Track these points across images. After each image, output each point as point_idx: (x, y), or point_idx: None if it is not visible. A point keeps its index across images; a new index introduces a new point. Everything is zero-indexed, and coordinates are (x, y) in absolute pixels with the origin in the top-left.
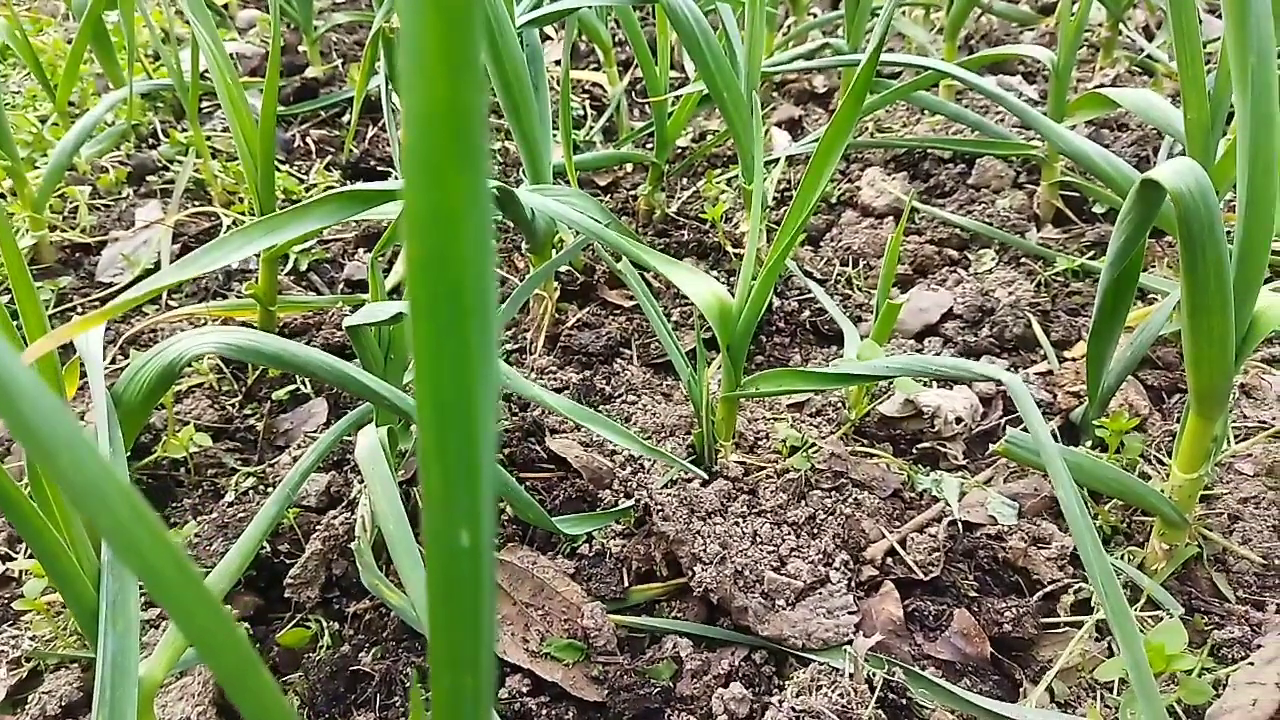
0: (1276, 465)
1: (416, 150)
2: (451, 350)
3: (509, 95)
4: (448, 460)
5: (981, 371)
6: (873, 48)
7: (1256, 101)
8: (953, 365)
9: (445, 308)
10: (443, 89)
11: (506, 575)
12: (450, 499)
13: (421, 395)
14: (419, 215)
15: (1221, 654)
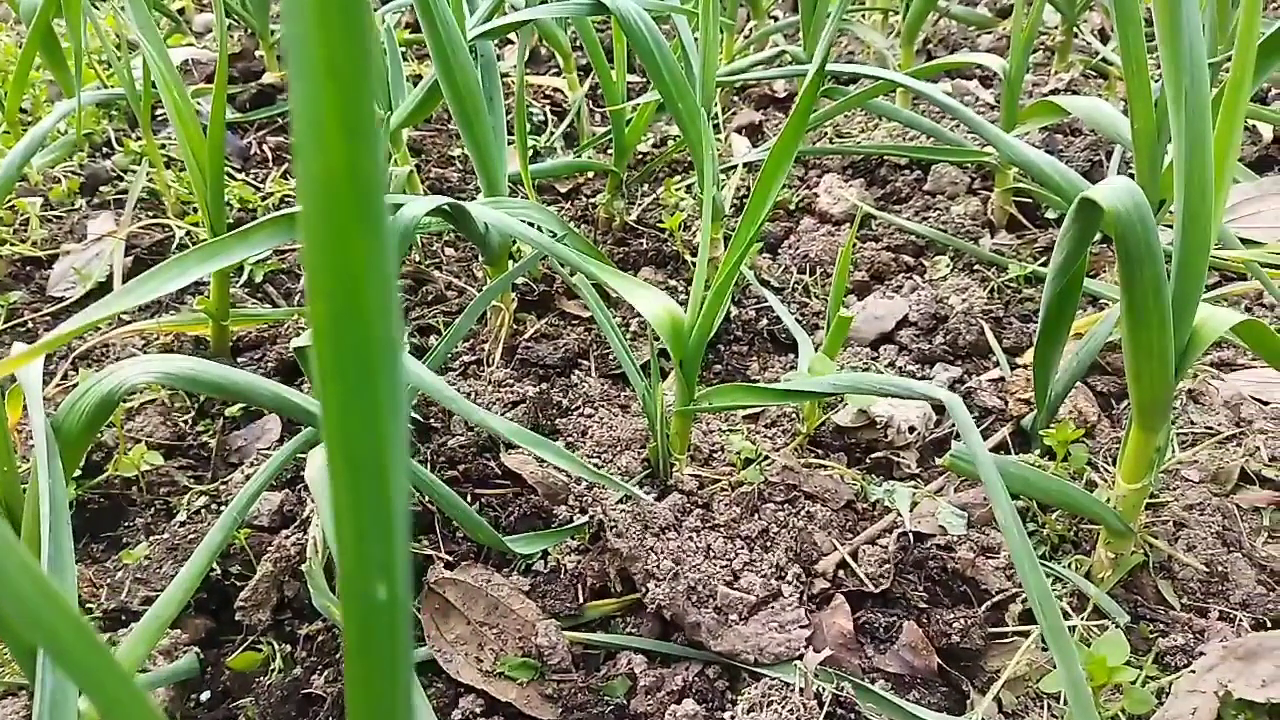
0: (1222, 472)
1: (315, 216)
2: (361, 409)
3: (461, 108)
4: (361, 517)
5: (923, 391)
6: (815, 67)
7: (1191, 122)
8: (895, 384)
9: (353, 369)
10: (340, 155)
11: (460, 594)
12: (365, 554)
13: (332, 453)
14: (322, 281)
15: (1165, 661)
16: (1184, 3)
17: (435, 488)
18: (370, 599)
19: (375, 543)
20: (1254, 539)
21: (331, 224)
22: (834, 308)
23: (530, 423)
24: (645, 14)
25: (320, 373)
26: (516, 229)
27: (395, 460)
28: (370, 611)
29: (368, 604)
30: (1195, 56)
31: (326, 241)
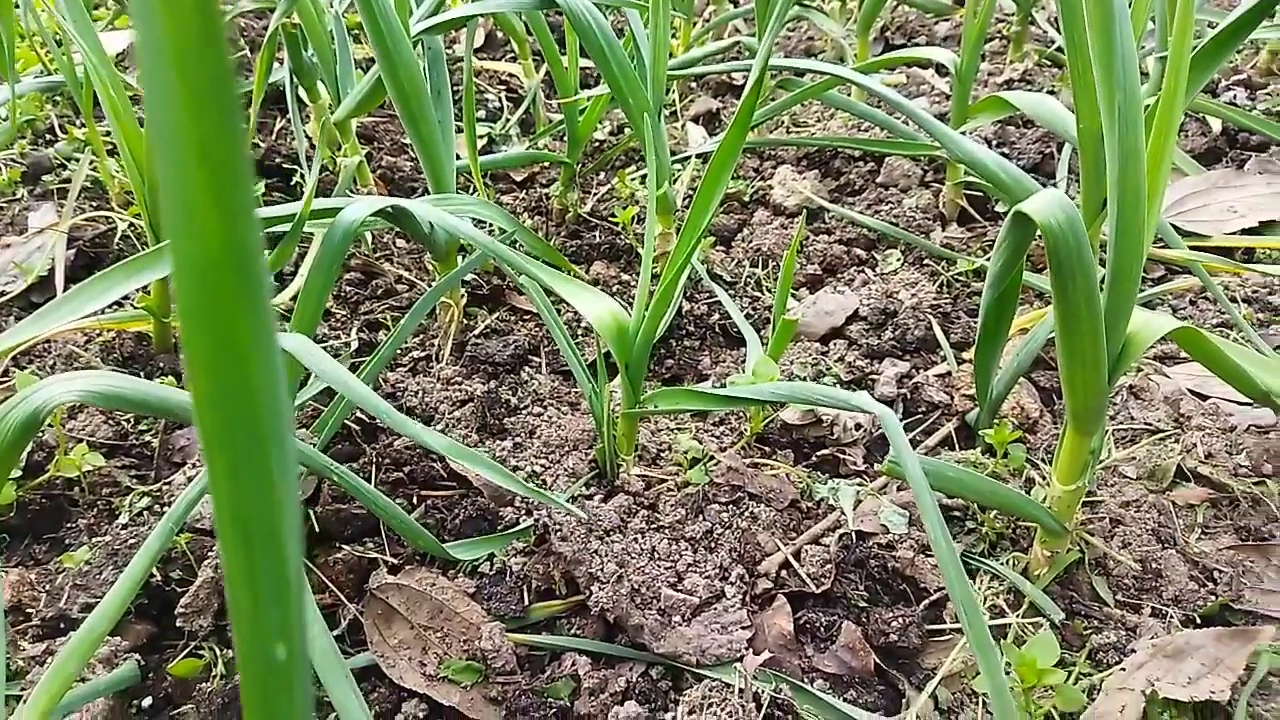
0: (1158, 469)
1: (195, 296)
2: (251, 477)
3: (406, 106)
4: (257, 582)
5: (856, 403)
6: (755, 76)
7: (1124, 137)
8: (830, 395)
9: (241, 438)
10: (218, 238)
11: (403, 599)
12: (262, 617)
13: (222, 521)
14: (205, 357)
15: (1098, 659)
16: (1117, 21)
17: (374, 498)
18: (269, 659)
19: (271, 606)
20: (1188, 535)
21: (214, 306)
22: (778, 310)
23: (478, 422)
24: (594, 9)
25: (206, 445)
26: (461, 229)
27: (287, 525)
28: (270, 672)
29: (267, 664)
30: (1128, 72)
31: (210, 322)
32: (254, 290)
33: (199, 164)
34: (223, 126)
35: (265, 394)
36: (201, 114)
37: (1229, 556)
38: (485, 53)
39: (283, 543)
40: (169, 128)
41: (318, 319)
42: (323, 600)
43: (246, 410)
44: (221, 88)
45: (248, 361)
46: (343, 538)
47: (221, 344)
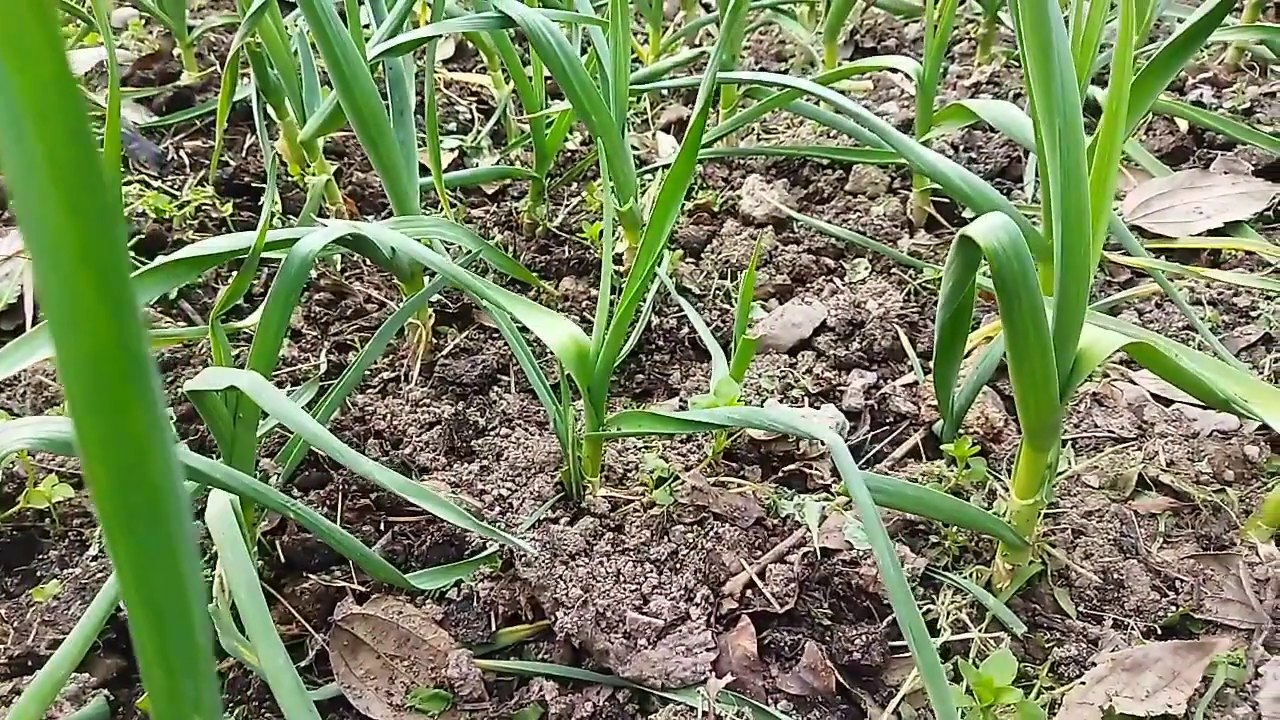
0: (1120, 478)
1: (87, 393)
2: (156, 561)
3: (364, 131)
4: (170, 658)
5: (806, 429)
6: (702, 100)
7: (1065, 160)
8: (784, 420)
9: (142, 525)
10: (106, 333)
11: (369, 629)
12: (177, 691)
13: (131, 603)
14: (101, 451)
15: (1060, 672)
16: (1055, 46)
17: (331, 532)
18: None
19: (186, 679)
20: (1150, 544)
21: (107, 401)
22: (739, 330)
23: (446, 445)
24: (554, 27)
25: (109, 533)
26: (421, 254)
27: (194, 603)
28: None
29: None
30: (1068, 97)
31: (104, 417)
32: (144, 383)
33: (82, 265)
34: (103, 227)
35: (162, 481)
36: (80, 216)
37: (1190, 565)
38: (456, 63)
39: (192, 620)
40: (48, 232)
41: (276, 351)
42: (289, 631)
43: (145, 498)
44: (96, 189)
45: (143, 451)
46: (309, 567)
47: (117, 437)
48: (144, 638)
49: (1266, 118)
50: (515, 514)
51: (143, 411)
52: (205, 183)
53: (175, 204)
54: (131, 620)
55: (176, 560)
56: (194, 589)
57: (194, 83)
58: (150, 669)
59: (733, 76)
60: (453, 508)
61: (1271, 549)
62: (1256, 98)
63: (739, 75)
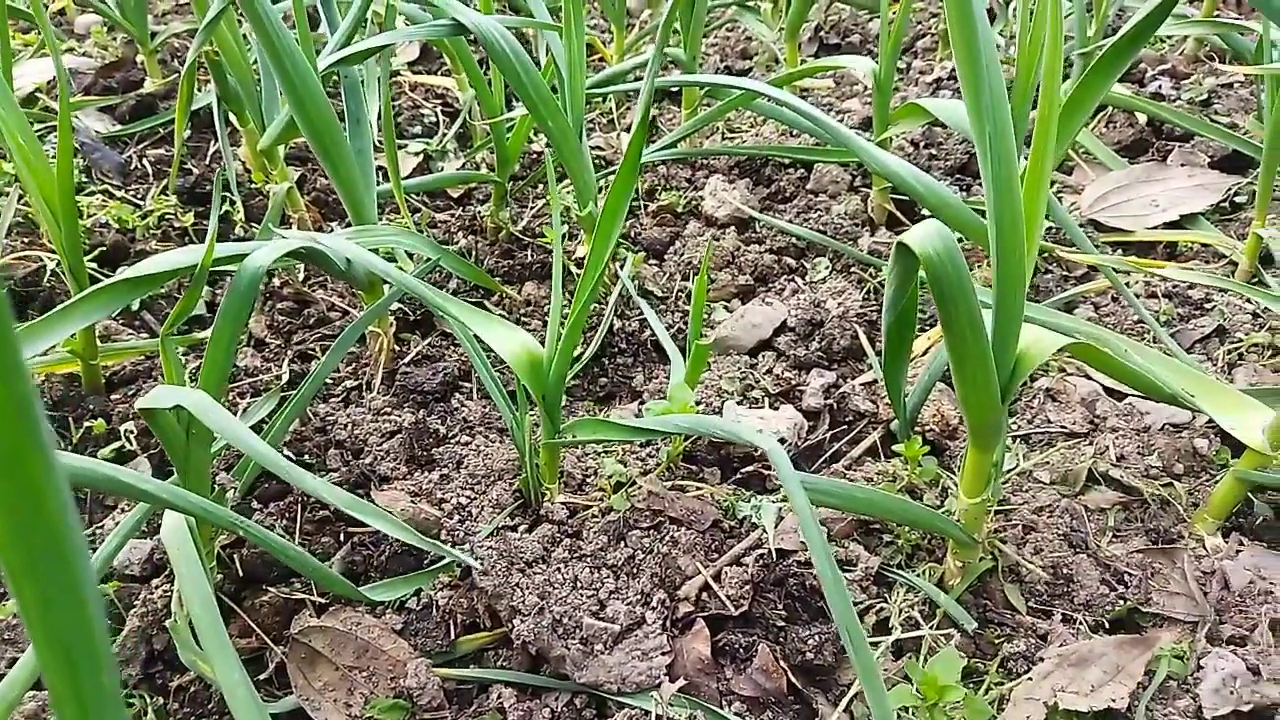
0: (1071, 474)
1: None
2: (62, 602)
3: (318, 142)
4: (82, 696)
5: (746, 438)
6: (643, 106)
7: (997, 167)
8: (725, 428)
9: (46, 568)
10: None
11: (327, 640)
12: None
13: (39, 645)
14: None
15: (1009, 667)
16: (983, 55)
17: (283, 548)
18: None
19: (95, 716)
20: (1099, 539)
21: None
22: (693, 335)
23: (406, 454)
24: (508, 34)
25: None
26: (375, 265)
27: (101, 642)
28: None
29: None
30: (997, 105)
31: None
32: (35, 434)
33: None
34: None
35: (59, 526)
36: None
37: (1139, 560)
38: (421, 65)
39: (100, 658)
40: None
41: (228, 366)
42: (249, 644)
43: (47, 542)
44: None
45: (41, 498)
46: (269, 579)
47: (15, 488)
48: (54, 676)
49: (1224, 109)
50: (474, 522)
51: (37, 461)
52: (168, 191)
53: (138, 214)
54: (40, 660)
55: (82, 601)
56: (100, 627)
57: (157, 90)
58: (61, 706)
59: (680, 80)
60: (399, 524)
61: (1218, 542)
62: (1214, 89)
63: (687, 78)
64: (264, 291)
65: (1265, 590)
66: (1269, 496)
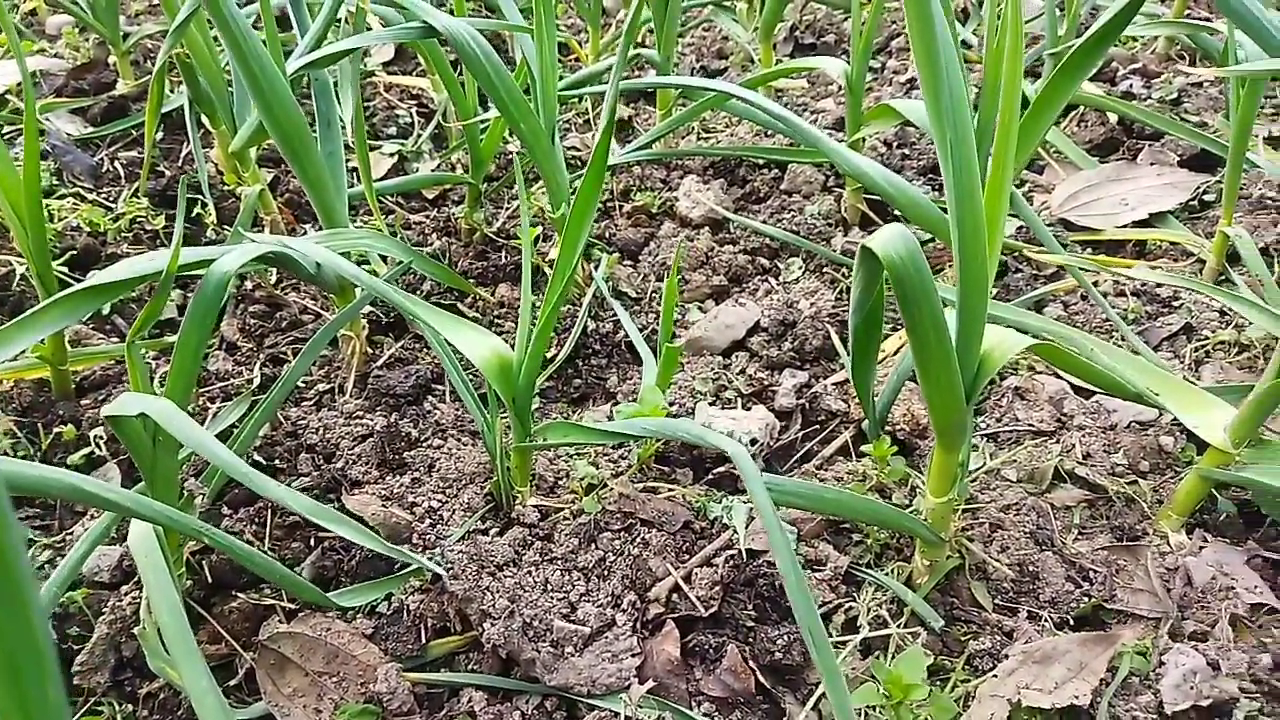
0: (1037, 472)
1: None
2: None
3: (287, 145)
4: (29, 707)
5: (714, 442)
6: (608, 110)
7: (958, 173)
8: (693, 432)
9: None
10: None
11: (297, 646)
12: None
13: None
14: None
15: (975, 665)
16: (943, 61)
17: (250, 557)
18: None
19: None
20: (1064, 536)
21: None
22: (664, 338)
23: (378, 458)
24: (479, 36)
25: None
26: (345, 269)
27: (48, 657)
28: None
29: None
30: (957, 111)
31: None
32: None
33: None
34: None
35: (10, 550)
36: None
37: (1104, 557)
38: (397, 66)
39: (45, 669)
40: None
41: (195, 373)
42: (219, 650)
43: None
44: None
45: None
46: (239, 585)
47: None
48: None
49: (1194, 108)
50: (446, 526)
51: None
52: (140, 194)
53: (110, 216)
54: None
55: (24, 612)
56: (44, 639)
57: (129, 92)
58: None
59: (650, 82)
60: (364, 530)
61: (1182, 538)
62: (1184, 88)
63: (657, 80)
64: (236, 294)
65: (1227, 586)
66: (1233, 493)
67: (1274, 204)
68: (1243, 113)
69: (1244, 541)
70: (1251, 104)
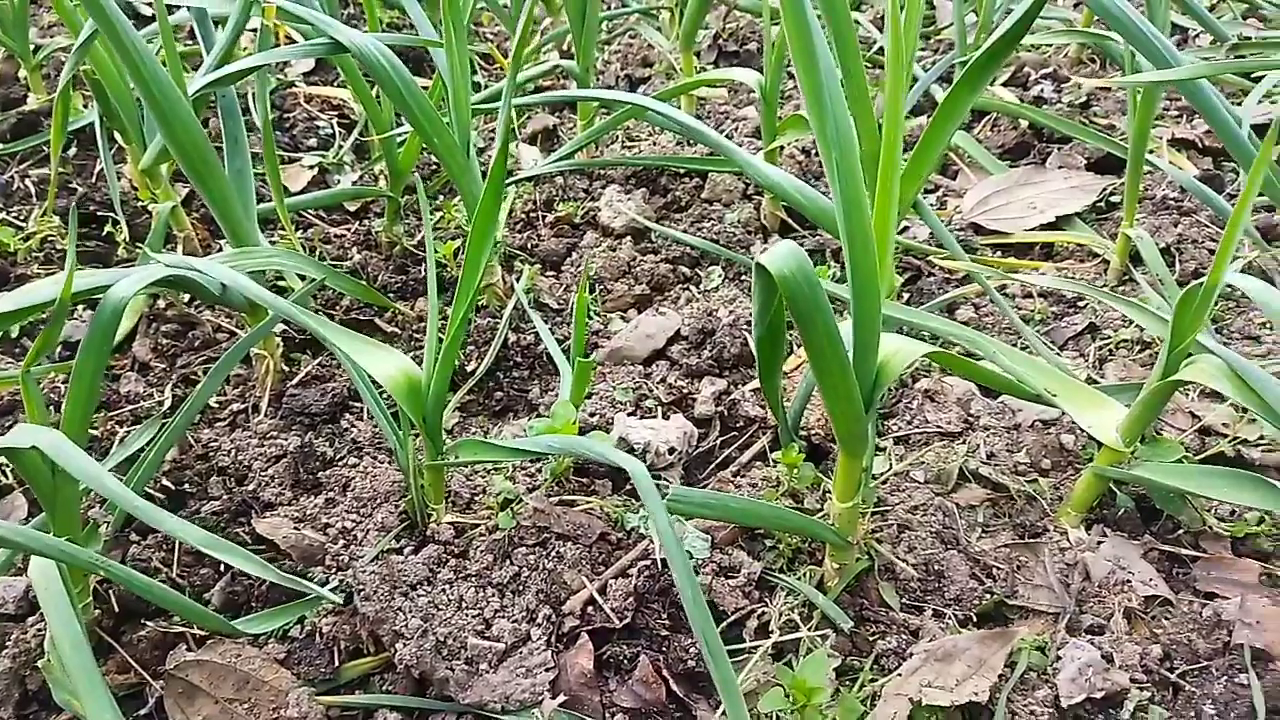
0: (943, 472)
1: None
2: None
3: (190, 165)
4: None
5: (614, 459)
6: (502, 131)
7: (845, 187)
8: (594, 448)
9: None
10: None
11: (205, 675)
12: None
13: None
14: None
15: (882, 664)
16: (826, 84)
17: (148, 586)
18: None
19: None
20: (969, 535)
21: None
22: (576, 350)
23: (292, 479)
24: (389, 51)
25: None
26: (249, 290)
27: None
28: None
29: None
30: (841, 130)
31: None
32: None
33: None
34: None
35: None
36: None
37: (1006, 554)
38: (317, 76)
39: None
40: None
41: (93, 401)
42: (128, 680)
43: None
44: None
45: None
46: (147, 613)
47: None
48: None
49: (1102, 111)
50: (359, 546)
51: None
52: (49, 213)
53: (20, 236)
54: None
55: None
56: None
57: (41, 107)
58: None
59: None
60: (257, 561)
61: (1081, 534)
62: (1093, 91)
63: (571, 94)
64: (148, 313)
65: (1123, 580)
66: (1132, 488)
67: (1176, 205)
68: (1140, 118)
69: (1141, 535)
70: (1148, 110)
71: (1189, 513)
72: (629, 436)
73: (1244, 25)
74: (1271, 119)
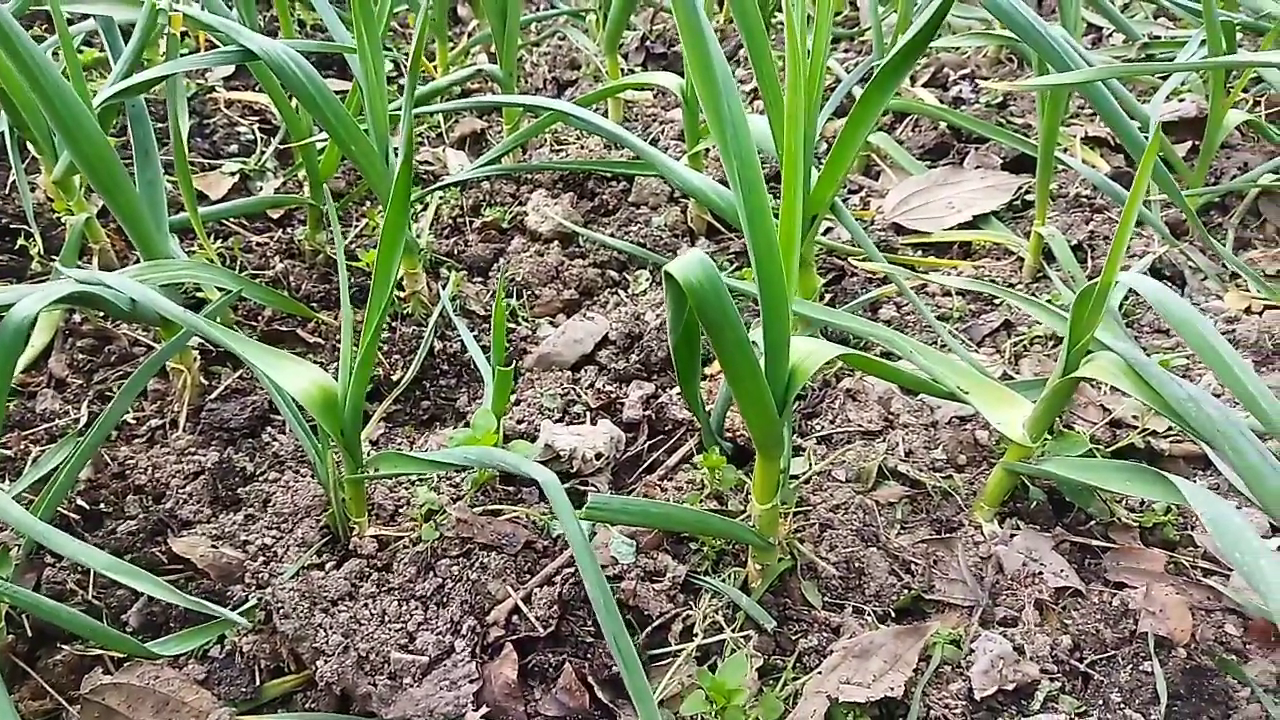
0: (863, 471)
1: None
2: None
3: (94, 176)
4: None
5: (526, 471)
6: (402, 158)
7: (748, 196)
8: (509, 461)
9: None
10: None
11: (123, 698)
12: None
13: None
14: None
15: (804, 662)
16: (725, 98)
17: (56, 612)
18: None
19: None
20: (888, 532)
21: None
22: (496, 359)
23: (210, 495)
24: (300, 58)
25: None
26: (159, 304)
27: None
28: None
29: None
30: (740, 139)
31: None
32: None
33: None
34: None
35: None
36: None
37: (923, 549)
38: (239, 81)
39: None
40: None
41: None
42: (43, 706)
43: None
44: None
45: None
46: (62, 637)
47: None
48: None
49: (1018, 110)
50: (280, 563)
51: None
52: None
53: None
54: None
55: None
56: None
57: None
58: None
59: (484, 101)
60: (160, 584)
61: (994, 528)
62: (1010, 91)
63: (493, 99)
64: (64, 328)
65: (1035, 572)
66: (1043, 481)
67: (1089, 202)
68: (1048, 119)
69: (1053, 528)
70: (1056, 111)
71: (1097, 505)
72: (555, 443)
73: (1154, 24)
74: (1180, 117)
